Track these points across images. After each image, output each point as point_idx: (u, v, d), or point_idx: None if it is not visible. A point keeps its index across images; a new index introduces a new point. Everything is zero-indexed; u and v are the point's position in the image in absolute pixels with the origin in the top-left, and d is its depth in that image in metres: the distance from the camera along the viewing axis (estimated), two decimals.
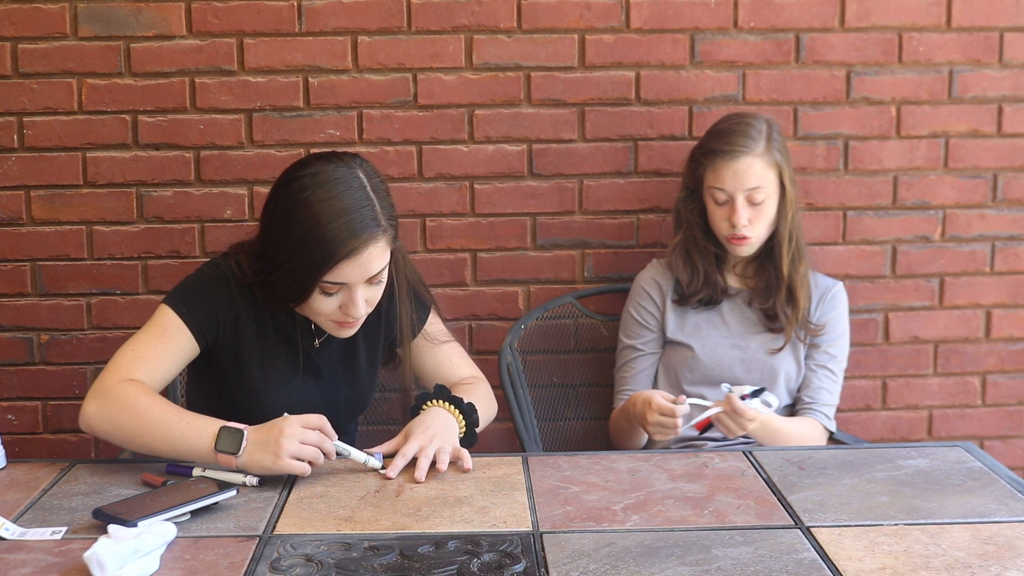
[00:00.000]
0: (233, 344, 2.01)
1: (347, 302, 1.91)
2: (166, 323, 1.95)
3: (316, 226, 1.85)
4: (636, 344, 2.51)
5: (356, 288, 1.90)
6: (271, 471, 1.78)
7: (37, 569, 1.50)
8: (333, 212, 1.86)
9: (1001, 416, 2.94)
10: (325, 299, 1.91)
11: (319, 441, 1.80)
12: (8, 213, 2.70)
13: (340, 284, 1.89)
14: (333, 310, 1.93)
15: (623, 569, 1.50)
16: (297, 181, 1.90)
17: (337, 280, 1.88)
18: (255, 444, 1.78)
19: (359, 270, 1.88)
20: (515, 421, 2.50)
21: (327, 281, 1.88)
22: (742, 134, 2.38)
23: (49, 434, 2.79)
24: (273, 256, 1.92)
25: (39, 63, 2.64)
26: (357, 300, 1.91)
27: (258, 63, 2.66)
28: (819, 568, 1.50)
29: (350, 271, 1.88)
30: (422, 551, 1.55)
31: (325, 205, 1.86)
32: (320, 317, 1.95)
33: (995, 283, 2.89)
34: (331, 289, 1.90)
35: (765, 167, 2.37)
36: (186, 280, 2.03)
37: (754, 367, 2.44)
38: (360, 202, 1.89)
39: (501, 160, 2.75)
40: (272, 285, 1.93)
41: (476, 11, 2.68)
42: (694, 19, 2.72)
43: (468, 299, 2.79)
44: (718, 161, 2.38)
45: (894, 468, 1.88)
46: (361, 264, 1.88)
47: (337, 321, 1.95)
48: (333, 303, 1.92)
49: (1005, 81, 2.80)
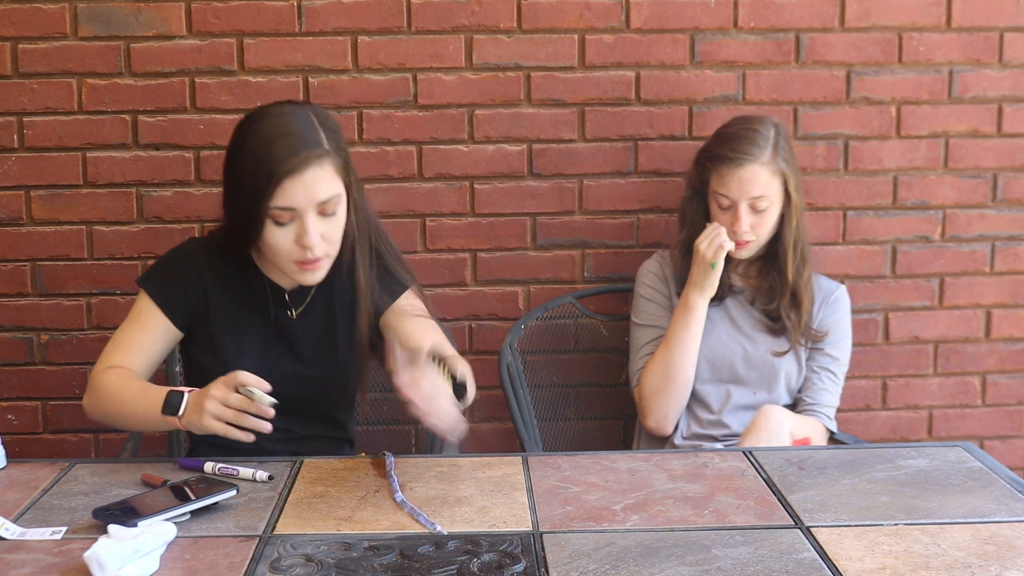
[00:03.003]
0: (204, 316, 2.05)
1: (300, 232, 1.92)
2: (140, 307, 2.05)
3: (260, 146, 1.91)
4: (651, 323, 2.50)
5: (306, 215, 1.91)
6: (202, 431, 1.83)
7: (37, 569, 1.50)
8: (277, 133, 1.91)
9: (1001, 416, 2.95)
10: (279, 232, 1.93)
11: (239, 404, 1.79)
12: (8, 213, 2.70)
13: (289, 209, 1.91)
14: (290, 246, 1.93)
15: (623, 569, 1.50)
16: (247, 118, 1.98)
17: (284, 204, 1.90)
18: (191, 406, 1.84)
19: (304, 192, 1.90)
20: (515, 421, 2.50)
21: (275, 207, 1.90)
22: (749, 141, 2.38)
23: (49, 434, 2.79)
24: (228, 193, 1.98)
25: (39, 63, 2.64)
26: (309, 228, 1.91)
27: (258, 63, 2.66)
28: (819, 568, 1.50)
29: (294, 191, 1.89)
30: (422, 551, 1.55)
31: (271, 131, 1.92)
32: (280, 258, 1.96)
33: (995, 283, 2.89)
34: (282, 217, 1.91)
35: (770, 176, 2.37)
36: (159, 260, 2.12)
37: (755, 364, 2.45)
38: (305, 127, 1.93)
39: (501, 160, 2.75)
40: (231, 227, 1.99)
41: (476, 11, 2.68)
42: (694, 19, 2.72)
43: (468, 299, 2.79)
44: (723, 167, 2.38)
45: (894, 468, 1.88)
46: (305, 185, 1.89)
47: (297, 261, 1.95)
48: (287, 236, 1.93)
49: (1005, 81, 2.80)
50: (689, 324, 2.39)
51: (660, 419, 2.46)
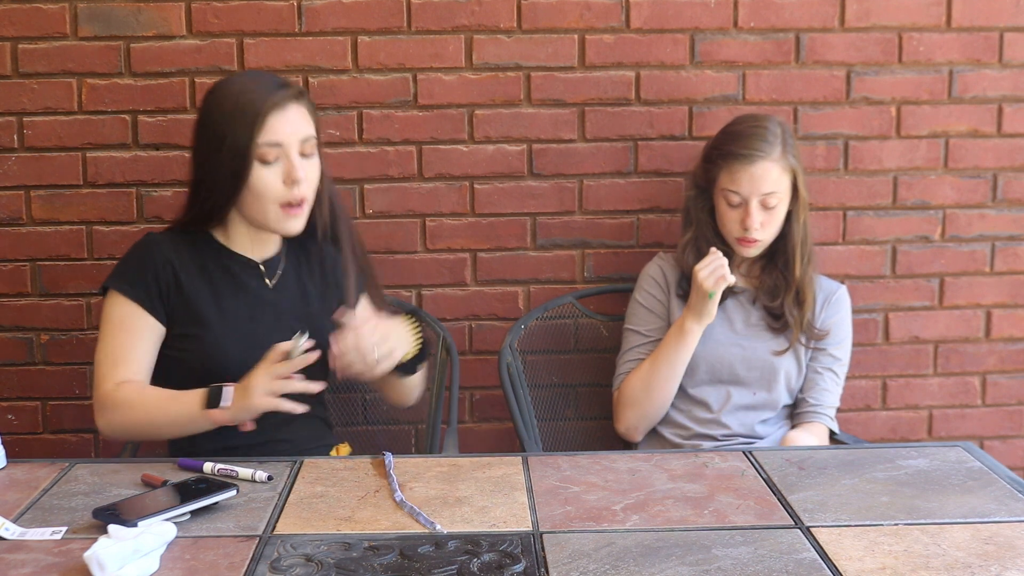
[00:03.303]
0: (182, 303, 2.06)
1: (288, 169, 2.01)
2: (122, 314, 2.04)
3: (241, 93, 2.02)
4: (642, 330, 2.51)
5: (291, 150, 2.01)
6: (257, 412, 1.90)
7: (37, 569, 1.50)
8: (254, 81, 2.06)
9: (1001, 416, 2.95)
10: (266, 172, 2.01)
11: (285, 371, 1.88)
12: (8, 213, 2.70)
13: (276, 146, 2.00)
14: (278, 186, 2.01)
15: (623, 569, 1.50)
16: (217, 84, 2.10)
17: (271, 139, 1.99)
18: (238, 393, 1.90)
19: (289, 126, 2.01)
20: (515, 421, 2.50)
21: (264, 143, 1.99)
22: (759, 138, 2.38)
23: (49, 434, 2.79)
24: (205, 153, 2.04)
25: (39, 63, 2.64)
26: (295, 162, 2.01)
27: (258, 63, 2.66)
28: (819, 568, 1.50)
29: (281, 125, 2.00)
30: (422, 551, 1.55)
31: (247, 82, 2.06)
32: (266, 202, 2.03)
33: (995, 283, 2.89)
34: (269, 155, 2.00)
35: (781, 172, 2.38)
36: (121, 260, 2.12)
37: (755, 365, 2.45)
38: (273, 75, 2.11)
39: (501, 160, 2.75)
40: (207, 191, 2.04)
41: (476, 11, 2.68)
42: (694, 19, 2.72)
43: (468, 299, 2.79)
44: (735, 164, 2.38)
45: (894, 468, 1.88)
46: (289, 120, 2.01)
47: (284, 203, 2.02)
48: (275, 177, 2.01)
49: (1005, 81, 2.80)
50: (680, 348, 2.40)
51: (630, 428, 2.49)
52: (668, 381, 2.42)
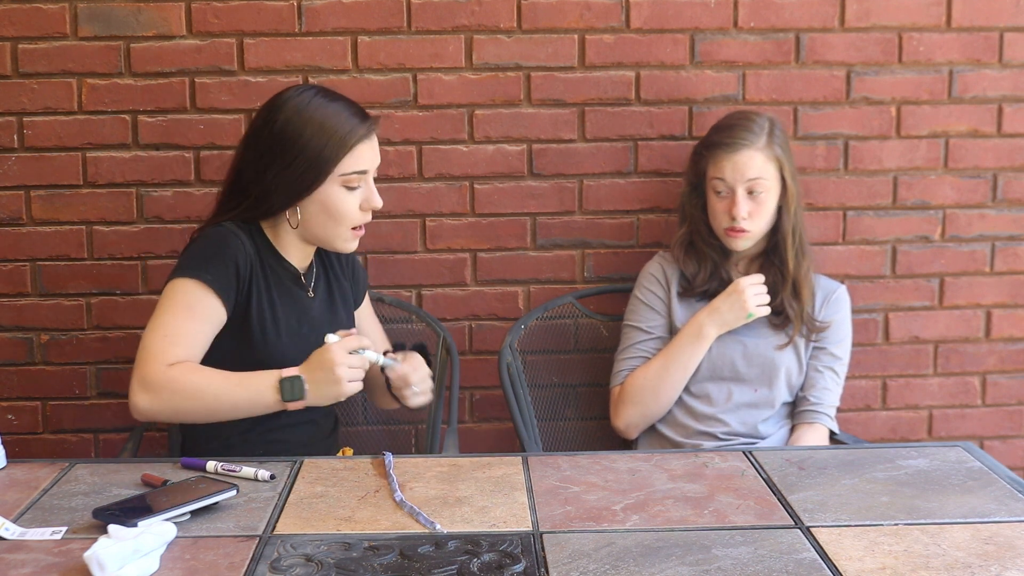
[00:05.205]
0: (246, 298, 2.08)
1: (368, 195, 2.11)
2: (190, 299, 2.03)
3: (331, 117, 2.07)
4: (643, 327, 2.51)
5: (371, 178, 2.11)
6: (338, 399, 1.99)
7: (37, 569, 1.50)
8: (340, 107, 2.10)
9: (1001, 416, 2.95)
10: (348, 197, 2.08)
11: (361, 363, 1.99)
12: (8, 213, 2.70)
13: (362, 173, 2.08)
14: (356, 211, 2.10)
15: (623, 569, 1.50)
16: (292, 100, 2.09)
17: (358, 167, 2.08)
18: (315, 384, 1.97)
19: (373, 154, 2.11)
20: (515, 421, 2.50)
21: (353, 171, 2.07)
22: (743, 128, 2.42)
23: (49, 434, 2.79)
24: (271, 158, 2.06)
25: (39, 63, 2.64)
26: (374, 189, 2.11)
27: (258, 63, 2.66)
28: (819, 568, 1.51)
29: (369, 153, 2.09)
30: (422, 551, 1.55)
31: (330, 104, 2.09)
32: (341, 225, 2.10)
33: (995, 283, 2.89)
34: (353, 181, 2.08)
35: (765, 160, 2.39)
36: (195, 249, 2.11)
37: (755, 361, 2.45)
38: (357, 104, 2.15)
39: (501, 160, 2.75)
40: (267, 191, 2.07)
41: (476, 11, 2.68)
42: (694, 19, 2.72)
43: (468, 299, 2.79)
44: (719, 153, 2.41)
45: (894, 468, 1.88)
46: (373, 149, 2.11)
47: (355, 227, 2.12)
48: (355, 201, 2.10)
49: (1005, 81, 2.80)
50: (695, 351, 2.42)
51: (630, 425, 2.50)
52: (678, 382, 2.44)
